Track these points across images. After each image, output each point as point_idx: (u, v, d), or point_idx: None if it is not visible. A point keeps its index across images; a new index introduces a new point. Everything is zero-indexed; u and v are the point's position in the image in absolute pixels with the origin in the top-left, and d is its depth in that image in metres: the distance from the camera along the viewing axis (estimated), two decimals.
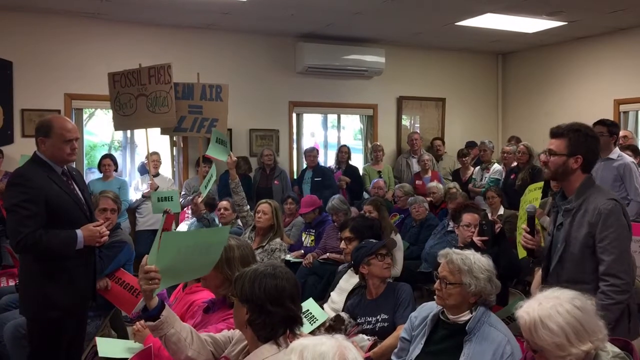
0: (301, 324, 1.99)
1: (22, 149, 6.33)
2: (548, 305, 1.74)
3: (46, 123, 2.92)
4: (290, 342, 1.93)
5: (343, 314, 3.09)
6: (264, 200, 4.60)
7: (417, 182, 7.14)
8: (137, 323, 2.77)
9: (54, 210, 2.81)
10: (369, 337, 2.90)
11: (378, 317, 3.02)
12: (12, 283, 4.39)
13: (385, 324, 2.99)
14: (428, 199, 6.18)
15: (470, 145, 7.81)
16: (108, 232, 3.07)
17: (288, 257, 4.74)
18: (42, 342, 2.86)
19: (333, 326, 3.03)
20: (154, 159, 6.38)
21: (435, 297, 2.41)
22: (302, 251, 5.43)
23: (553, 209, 2.62)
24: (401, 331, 2.60)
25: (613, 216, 2.34)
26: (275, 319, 1.89)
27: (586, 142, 2.44)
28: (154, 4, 6.01)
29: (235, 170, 6.82)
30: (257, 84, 7.50)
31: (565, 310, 1.72)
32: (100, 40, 6.63)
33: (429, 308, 2.48)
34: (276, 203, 4.61)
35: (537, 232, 2.62)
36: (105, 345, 2.67)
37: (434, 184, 6.58)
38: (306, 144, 8.07)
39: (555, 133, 2.48)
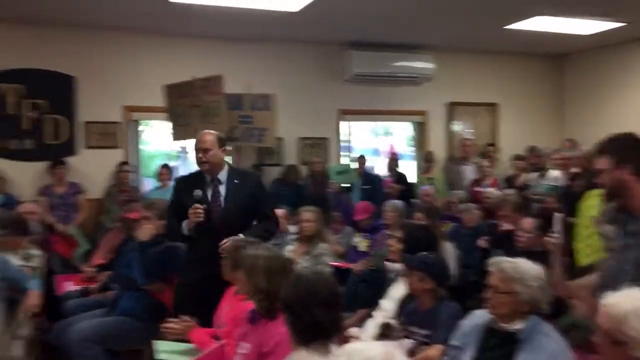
0: (334, 335, 1.92)
1: (85, 160, 6.67)
2: None
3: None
4: (329, 350, 1.89)
5: (391, 321, 3.08)
6: (304, 208, 4.55)
7: (475, 189, 7.01)
8: (170, 321, 2.83)
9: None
10: (412, 341, 2.88)
11: (422, 331, 2.98)
12: (77, 287, 4.54)
13: (427, 340, 2.95)
14: (482, 205, 6.05)
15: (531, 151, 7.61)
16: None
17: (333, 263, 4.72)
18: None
19: (385, 334, 3.02)
20: None
21: (486, 305, 2.38)
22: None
23: (616, 224, 2.41)
24: (450, 339, 2.57)
25: None
26: (300, 324, 1.89)
27: (628, 148, 2.29)
28: (211, 17, 6.12)
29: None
30: (305, 92, 7.57)
31: None
32: (154, 54, 6.88)
33: (480, 316, 2.45)
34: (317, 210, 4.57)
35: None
36: (164, 348, 2.76)
37: (491, 190, 6.44)
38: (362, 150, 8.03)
39: (597, 153, 2.35)
